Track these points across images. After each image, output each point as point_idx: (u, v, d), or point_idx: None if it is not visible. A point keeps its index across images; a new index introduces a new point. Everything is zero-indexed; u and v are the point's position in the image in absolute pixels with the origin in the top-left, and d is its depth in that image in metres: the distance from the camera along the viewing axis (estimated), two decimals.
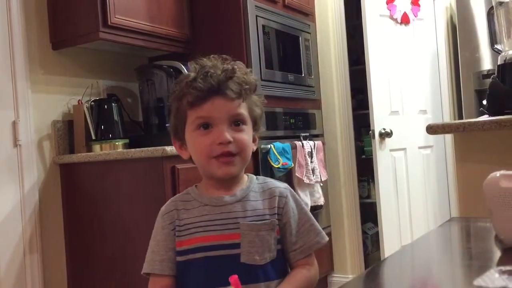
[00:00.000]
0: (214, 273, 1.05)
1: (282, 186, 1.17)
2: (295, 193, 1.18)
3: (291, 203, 1.14)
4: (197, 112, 1.07)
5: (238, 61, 1.15)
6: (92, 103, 2.42)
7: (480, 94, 3.15)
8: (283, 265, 1.13)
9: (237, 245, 1.07)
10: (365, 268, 3.26)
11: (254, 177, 1.18)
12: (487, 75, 3.09)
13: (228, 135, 1.06)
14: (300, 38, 3.04)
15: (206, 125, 1.07)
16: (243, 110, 1.10)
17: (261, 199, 1.13)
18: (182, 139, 1.13)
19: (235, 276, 0.93)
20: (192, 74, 1.10)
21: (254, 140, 1.15)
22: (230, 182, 1.12)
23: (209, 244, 1.07)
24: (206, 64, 1.10)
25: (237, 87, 1.09)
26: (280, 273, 1.11)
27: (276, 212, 1.12)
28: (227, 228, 1.08)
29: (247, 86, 1.10)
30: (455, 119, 3.49)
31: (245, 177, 1.16)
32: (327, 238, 1.18)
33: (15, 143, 2.23)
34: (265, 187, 1.16)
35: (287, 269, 1.14)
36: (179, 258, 1.10)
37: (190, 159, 1.14)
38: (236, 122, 1.09)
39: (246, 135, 1.10)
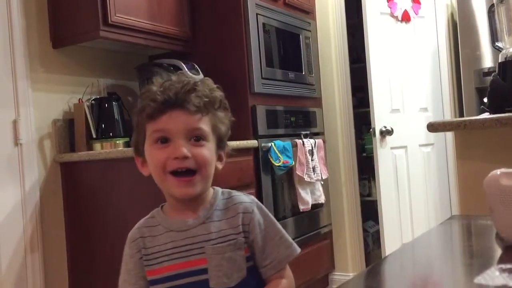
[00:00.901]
0: None
1: (247, 200, 1.11)
2: (262, 205, 1.13)
3: (258, 218, 1.09)
4: (155, 125, 1.03)
5: (206, 78, 1.11)
6: (93, 101, 2.42)
7: (481, 92, 3.15)
8: (257, 281, 1.09)
9: (204, 271, 1.04)
10: (366, 266, 3.26)
11: (220, 191, 1.13)
12: (488, 72, 3.08)
13: (185, 150, 1.01)
14: (300, 36, 3.03)
15: (164, 139, 1.03)
16: (204, 125, 1.04)
17: (224, 219, 1.08)
18: (142, 155, 1.08)
19: None
20: (154, 88, 1.06)
21: (220, 159, 1.11)
22: (193, 202, 1.08)
23: (176, 273, 1.04)
24: (169, 79, 1.07)
25: (197, 100, 1.03)
26: None
27: (241, 230, 1.07)
28: (192, 254, 1.04)
29: (206, 99, 1.04)
30: (455, 117, 3.48)
31: (210, 191, 1.11)
32: (298, 250, 1.13)
33: (16, 142, 2.23)
34: (229, 203, 1.10)
35: (262, 284, 1.10)
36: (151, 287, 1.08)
37: (151, 177, 1.08)
38: (196, 138, 1.03)
39: (207, 150, 1.04)
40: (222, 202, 1.10)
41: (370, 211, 3.59)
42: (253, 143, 2.53)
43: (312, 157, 2.86)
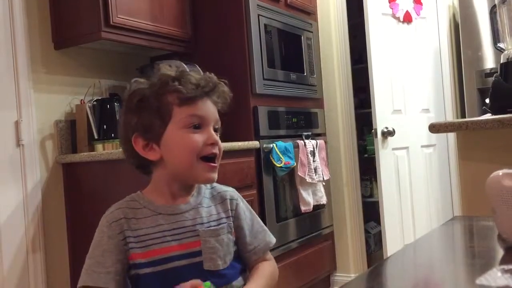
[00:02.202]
0: (175, 284, 1.00)
1: (230, 189, 1.19)
2: (240, 195, 1.21)
3: (242, 205, 1.17)
4: (191, 110, 1.05)
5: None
6: (95, 102, 2.42)
7: (482, 93, 3.14)
8: (240, 264, 1.14)
9: (198, 253, 1.05)
10: (368, 267, 3.26)
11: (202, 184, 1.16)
12: (490, 73, 3.08)
13: (214, 136, 1.07)
14: (302, 37, 3.04)
15: (197, 125, 1.06)
16: None
17: (213, 204, 1.13)
18: (153, 139, 1.07)
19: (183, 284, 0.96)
20: (171, 73, 1.07)
21: None
22: (188, 189, 1.12)
23: (168, 256, 1.04)
24: (182, 69, 1.13)
25: (221, 94, 1.12)
26: (239, 272, 1.12)
27: (230, 214, 1.13)
28: (185, 237, 1.06)
29: (224, 97, 1.13)
30: (457, 118, 3.48)
31: (194, 186, 1.15)
32: (274, 239, 1.20)
33: (18, 143, 2.23)
34: (214, 192, 1.16)
35: (244, 268, 1.15)
36: (132, 272, 1.04)
37: (157, 162, 1.08)
38: (216, 128, 1.10)
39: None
40: (207, 192, 1.15)
41: (371, 212, 3.59)
42: (254, 144, 2.53)
43: (313, 158, 2.86)
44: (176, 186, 1.09)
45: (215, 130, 1.09)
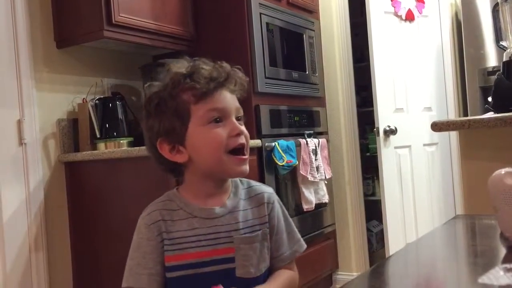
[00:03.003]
0: None
1: (268, 191, 1.13)
2: (278, 198, 1.16)
3: (277, 209, 1.12)
4: (208, 105, 1.01)
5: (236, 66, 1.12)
6: (97, 101, 2.43)
7: (485, 91, 3.14)
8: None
9: (231, 259, 1.03)
10: (370, 266, 3.26)
11: (238, 181, 1.12)
12: (492, 72, 3.07)
13: (238, 126, 1.03)
14: (304, 35, 3.03)
15: (219, 119, 1.01)
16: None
17: (249, 208, 1.08)
18: (177, 141, 1.04)
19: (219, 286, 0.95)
20: (182, 71, 1.04)
21: None
22: (221, 188, 1.07)
23: (202, 260, 1.02)
24: (192, 63, 1.06)
25: (238, 81, 1.07)
26: None
27: (266, 220, 1.09)
28: (220, 242, 1.03)
29: (241, 83, 1.07)
30: (460, 116, 3.48)
31: (228, 181, 1.10)
32: (305, 246, 1.16)
33: (20, 141, 2.23)
34: (252, 192, 1.11)
35: None
36: (166, 274, 1.04)
37: (186, 163, 1.05)
38: (238, 117, 1.05)
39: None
40: (244, 192, 1.10)
41: (374, 210, 3.58)
42: (256, 142, 2.53)
43: (315, 156, 2.86)
44: (210, 185, 1.06)
45: (238, 119, 1.04)
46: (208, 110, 1.01)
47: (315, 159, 2.85)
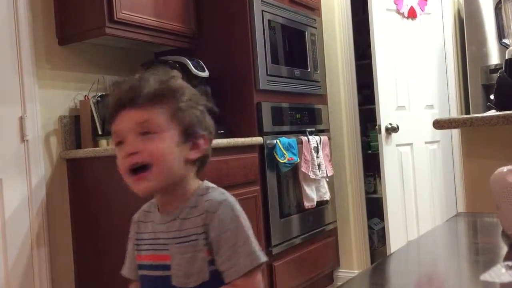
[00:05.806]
0: None
1: (217, 198, 1.03)
2: (235, 206, 1.03)
3: (220, 219, 1.00)
4: (112, 129, 1.04)
5: (167, 69, 1.07)
6: (99, 98, 2.43)
7: (487, 89, 3.13)
8: (221, 285, 1.01)
9: (167, 267, 1.03)
10: (371, 264, 3.26)
11: (203, 187, 1.07)
12: (495, 69, 3.07)
13: (131, 146, 0.99)
14: (306, 33, 3.03)
15: (119, 141, 1.02)
16: (157, 116, 0.99)
17: (192, 216, 1.02)
18: None
19: None
20: (110, 94, 1.09)
21: (194, 147, 1.04)
22: (164, 197, 1.06)
23: (144, 263, 1.08)
24: (122, 80, 1.08)
25: (146, 92, 1.00)
26: None
27: (203, 230, 1.01)
28: (159, 248, 1.05)
29: (158, 90, 1.01)
30: (462, 114, 3.47)
31: (194, 186, 1.06)
32: (262, 259, 1.01)
33: (22, 138, 2.24)
34: (200, 200, 1.04)
35: None
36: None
37: None
38: (145, 132, 0.99)
39: (161, 143, 0.99)
40: (195, 199, 1.05)
41: (375, 208, 3.58)
42: (258, 140, 2.53)
43: (317, 154, 2.86)
44: (156, 195, 1.10)
45: (146, 133, 0.99)
46: (112, 134, 1.05)
47: (317, 157, 2.85)
